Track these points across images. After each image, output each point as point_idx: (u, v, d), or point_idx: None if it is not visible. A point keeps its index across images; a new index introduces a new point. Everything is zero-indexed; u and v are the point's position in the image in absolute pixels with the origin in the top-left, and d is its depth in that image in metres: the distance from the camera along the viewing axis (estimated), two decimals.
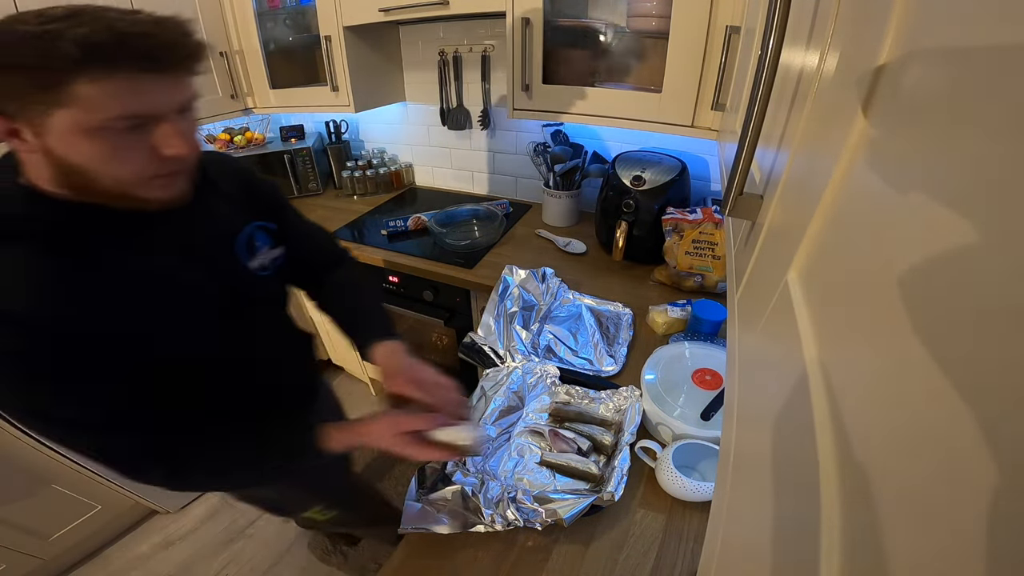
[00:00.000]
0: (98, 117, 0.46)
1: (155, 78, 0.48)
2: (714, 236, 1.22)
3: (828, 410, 0.19)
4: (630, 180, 1.31)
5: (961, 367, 0.11)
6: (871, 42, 0.20)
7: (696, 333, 1.06)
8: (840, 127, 0.22)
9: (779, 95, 0.40)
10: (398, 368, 0.74)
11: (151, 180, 0.53)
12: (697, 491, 0.73)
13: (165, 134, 0.51)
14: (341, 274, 0.89)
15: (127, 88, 0.47)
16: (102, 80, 0.45)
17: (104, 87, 0.45)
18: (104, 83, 0.45)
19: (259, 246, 0.74)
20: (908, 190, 0.15)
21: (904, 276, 0.15)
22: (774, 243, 0.33)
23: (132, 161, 0.51)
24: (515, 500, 0.71)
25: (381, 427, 0.66)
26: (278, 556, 1.61)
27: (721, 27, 0.99)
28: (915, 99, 0.16)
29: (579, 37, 1.33)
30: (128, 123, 0.48)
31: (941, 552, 0.11)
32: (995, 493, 0.09)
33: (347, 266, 0.92)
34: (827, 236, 0.23)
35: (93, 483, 1.45)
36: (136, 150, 0.50)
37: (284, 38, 1.78)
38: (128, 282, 0.57)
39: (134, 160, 0.51)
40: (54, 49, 0.43)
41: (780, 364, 0.26)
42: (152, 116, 0.50)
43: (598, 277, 1.34)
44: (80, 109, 0.45)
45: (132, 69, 0.46)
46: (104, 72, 0.45)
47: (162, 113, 0.50)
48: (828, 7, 0.28)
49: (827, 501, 0.17)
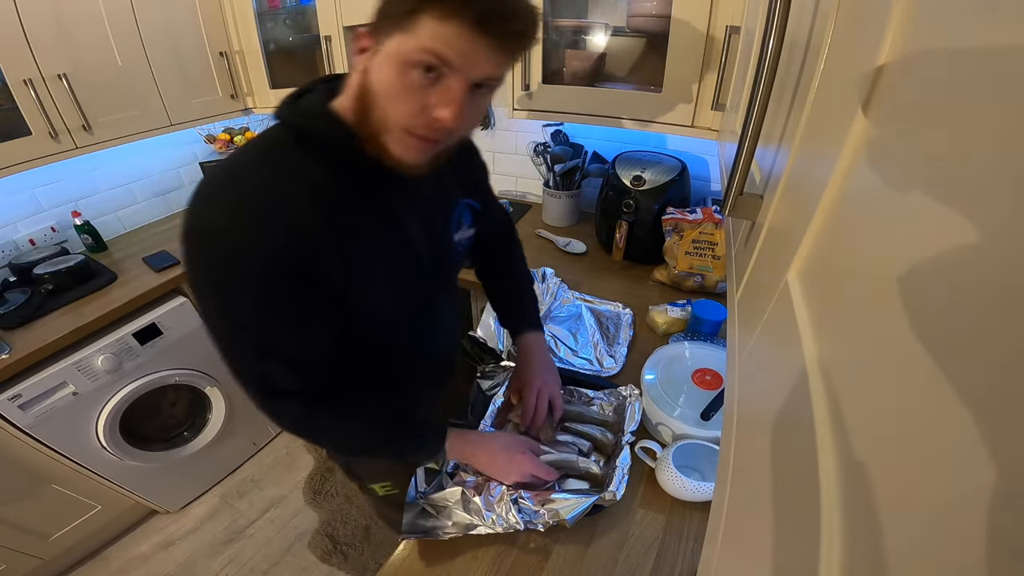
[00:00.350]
0: (415, 47, 0.49)
1: (479, 39, 0.49)
2: (714, 236, 1.22)
3: (828, 410, 0.19)
4: (630, 180, 1.31)
5: (961, 367, 0.11)
6: (871, 42, 0.20)
7: (696, 333, 1.06)
8: (840, 127, 0.22)
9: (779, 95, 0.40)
10: (525, 364, 0.87)
11: (407, 134, 0.54)
12: (697, 491, 0.73)
13: (444, 93, 0.51)
14: (509, 256, 0.97)
15: (453, 35, 0.48)
16: (443, 20, 0.47)
17: (440, 27, 0.47)
18: (443, 23, 0.47)
19: (465, 223, 0.78)
20: (908, 190, 0.15)
21: (904, 276, 0.15)
22: (774, 243, 0.33)
23: (406, 102, 0.52)
24: (516, 502, 0.71)
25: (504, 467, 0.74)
26: (278, 556, 1.61)
27: (721, 27, 0.98)
28: (915, 99, 0.16)
29: (579, 37, 1.33)
30: (429, 60, 0.49)
31: (941, 552, 0.11)
32: (995, 493, 0.09)
33: (514, 247, 0.99)
34: (827, 236, 0.23)
35: (93, 483, 1.45)
36: (415, 95, 0.51)
37: (284, 38, 1.78)
38: (369, 231, 0.61)
39: (408, 102, 0.52)
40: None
41: (780, 364, 0.26)
42: (450, 69, 0.50)
43: (598, 277, 1.34)
44: (411, 37, 0.48)
45: (469, 22, 0.48)
46: (449, 15, 0.47)
47: (460, 72, 0.50)
48: (828, 7, 0.28)
49: (827, 501, 0.17)
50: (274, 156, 0.56)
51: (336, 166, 0.57)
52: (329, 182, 0.57)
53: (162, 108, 1.57)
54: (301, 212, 0.54)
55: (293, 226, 0.54)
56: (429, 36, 0.48)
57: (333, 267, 0.58)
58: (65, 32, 1.30)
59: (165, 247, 1.65)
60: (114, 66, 1.43)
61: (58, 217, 1.63)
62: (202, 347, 1.60)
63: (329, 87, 0.60)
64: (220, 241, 0.52)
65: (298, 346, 0.60)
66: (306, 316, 0.59)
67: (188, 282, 0.57)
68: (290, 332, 0.59)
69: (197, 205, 0.54)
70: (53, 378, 1.25)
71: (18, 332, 1.26)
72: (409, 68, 0.50)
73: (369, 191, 0.61)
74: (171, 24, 1.53)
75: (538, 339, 0.92)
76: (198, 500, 1.79)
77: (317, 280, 0.57)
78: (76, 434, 1.34)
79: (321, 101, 0.58)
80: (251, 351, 0.59)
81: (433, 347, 0.84)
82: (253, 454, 1.95)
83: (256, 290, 0.54)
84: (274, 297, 0.55)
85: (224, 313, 0.57)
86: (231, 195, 0.53)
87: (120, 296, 1.41)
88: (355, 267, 0.60)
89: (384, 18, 0.51)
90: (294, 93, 0.60)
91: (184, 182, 1.97)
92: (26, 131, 1.28)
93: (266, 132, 0.59)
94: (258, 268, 0.53)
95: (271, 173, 0.55)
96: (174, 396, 1.63)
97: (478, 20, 0.48)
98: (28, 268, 1.43)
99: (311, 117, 0.57)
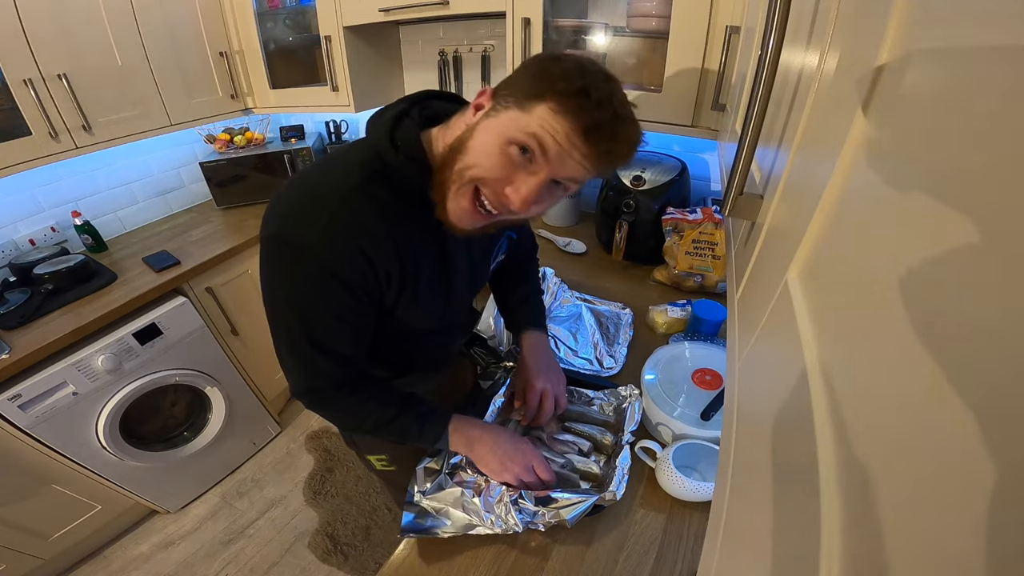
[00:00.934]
0: (523, 128, 0.52)
1: (580, 145, 0.52)
2: (714, 236, 1.22)
3: (828, 410, 0.19)
4: (630, 180, 1.31)
5: (961, 367, 0.11)
6: (871, 42, 0.20)
7: (696, 333, 1.06)
8: (840, 127, 0.22)
9: (779, 95, 0.40)
10: (527, 363, 0.88)
11: (469, 192, 0.57)
12: (697, 491, 0.73)
13: (524, 181, 0.55)
14: (523, 270, 1.00)
15: (561, 131, 0.51)
16: (558, 114, 0.51)
17: (553, 119, 0.51)
18: (557, 117, 0.51)
19: (500, 252, 0.85)
20: (908, 190, 0.16)
21: (904, 276, 0.15)
22: (774, 243, 0.33)
23: (492, 169, 0.55)
24: (516, 502, 0.71)
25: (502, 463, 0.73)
26: (278, 556, 1.61)
27: (721, 27, 0.99)
28: (915, 99, 0.16)
29: (579, 37, 1.33)
30: (530, 143, 0.52)
31: (941, 551, 0.11)
32: (995, 492, 0.09)
33: (532, 263, 1.02)
34: (827, 236, 0.23)
35: (93, 483, 1.45)
36: (501, 168, 0.54)
37: (284, 38, 1.78)
38: (426, 262, 0.67)
39: (493, 170, 0.55)
40: (572, 79, 0.50)
41: (780, 364, 0.26)
42: (542, 161, 0.53)
43: (598, 277, 1.34)
44: (525, 117, 0.52)
45: (580, 125, 0.51)
46: (565, 111, 0.50)
47: (548, 168, 0.54)
48: (828, 7, 0.28)
49: (827, 501, 0.17)
50: (364, 186, 0.60)
51: (412, 202, 0.62)
52: (403, 214, 0.62)
53: (162, 108, 1.57)
54: (376, 241, 0.60)
55: (369, 254, 0.59)
56: (539, 123, 0.51)
57: (391, 289, 0.65)
58: (65, 32, 1.30)
59: (165, 247, 1.65)
60: (114, 66, 1.43)
61: (58, 217, 1.63)
62: (202, 347, 1.60)
63: (424, 112, 0.64)
64: (304, 255, 0.57)
65: (349, 345, 0.67)
66: (362, 324, 0.66)
67: (262, 278, 0.62)
68: (346, 334, 0.65)
69: (288, 213, 0.58)
70: (53, 378, 1.25)
71: (18, 332, 1.26)
72: (509, 143, 0.53)
73: (433, 230, 0.65)
74: (171, 24, 1.53)
75: (540, 337, 0.93)
76: (198, 500, 1.79)
77: (377, 297, 0.64)
78: (76, 434, 1.34)
79: (415, 135, 0.61)
80: (307, 345, 0.64)
81: (439, 344, 0.88)
82: (253, 454, 1.95)
83: (327, 301, 0.61)
84: (339, 307, 0.62)
85: (293, 313, 0.62)
86: (322, 218, 0.57)
87: (120, 296, 1.41)
88: (407, 289, 0.66)
89: (510, 89, 0.54)
90: (392, 115, 0.62)
91: (184, 182, 1.97)
92: (26, 131, 1.28)
93: (359, 150, 0.63)
94: (333, 284, 0.59)
95: (358, 200, 0.59)
96: (174, 396, 1.63)
97: (588, 128, 0.51)
98: (28, 268, 1.43)
99: (404, 154, 0.60)
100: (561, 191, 0.58)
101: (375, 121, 0.62)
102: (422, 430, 0.74)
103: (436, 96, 0.67)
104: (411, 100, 0.65)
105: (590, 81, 0.51)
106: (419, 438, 0.75)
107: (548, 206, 0.60)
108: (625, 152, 0.55)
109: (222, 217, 1.89)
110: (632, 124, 0.54)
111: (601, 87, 0.51)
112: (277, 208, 0.59)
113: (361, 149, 0.62)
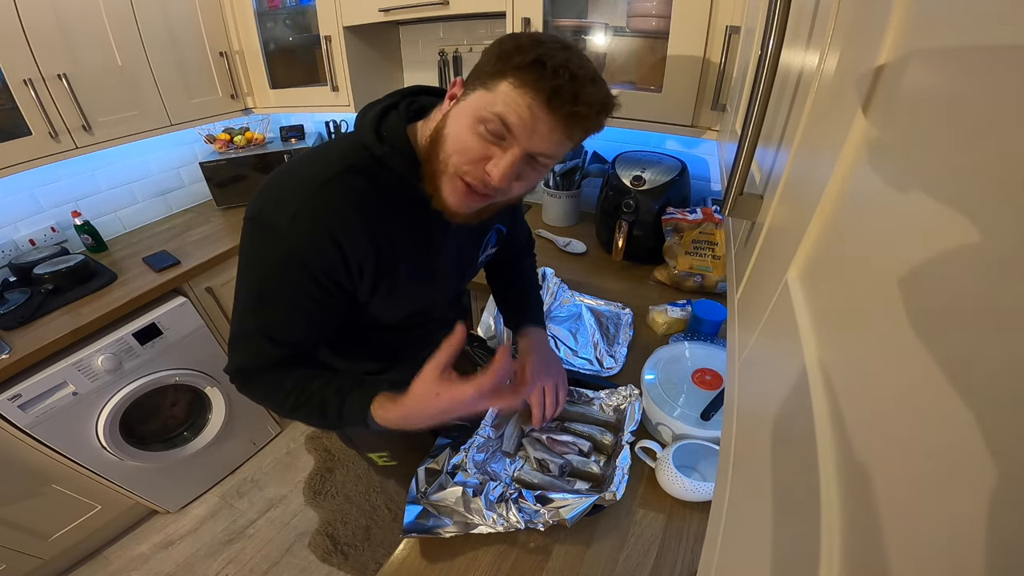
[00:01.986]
0: (488, 106, 0.53)
1: (544, 116, 0.52)
2: (714, 236, 1.22)
3: (828, 410, 0.19)
4: (630, 180, 1.31)
5: (961, 367, 0.11)
6: (871, 42, 0.20)
7: (696, 333, 1.06)
8: (840, 127, 0.22)
9: (779, 95, 0.40)
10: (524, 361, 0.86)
11: (458, 180, 0.58)
12: (697, 491, 0.73)
13: (502, 158, 0.55)
14: (520, 266, 1.00)
15: (524, 104, 0.52)
16: (518, 88, 0.51)
17: (514, 93, 0.52)
18: (518, 91, 0.51)
19: (490, 245, 0.83)
20: (908, 190, 0.15)
21: (904, 276, 0.15)
22: (774, 243, 0.33)
23: (467, 152, 0.56)
24: (517, 501, 0.71)
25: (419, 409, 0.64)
26: (278, 556, 1.61)
27: (721, 27, 0.99)
28: (915, 99, 0.16)
29: (579, 37, 1.33)
30: (496, 126, 0.53)
31: (941, 552, 0.11)
32: (995, 493, 0.09)
33: (527, 259, 1.02)
34: (827, 236, 0.23)
35: (93, 483, 1.45)
36: (477, 146, 0.55)
37: (284, 38, 1.78)
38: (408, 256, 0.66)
39: (469, 152, 0.56)
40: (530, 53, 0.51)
41: (780, 364, 0.26)
42: (514, 136, 0.54)
43: (598, 277, 1.34)
44: (490, 95, 0.53)
45: (542, 96, 0.51)
46: (525, 84, 0.51)
47: (521, 142, 0.54)
48: (828, 7, 0.28)
49: (827, 501, 0.17)
50: (343, 177, 0.60)
51: (396, 195, 0.62)
52: (384, 206, 0.62)
53: (162, 108, 1.57)
54: (350, 231, 0.59)
55: (341, 243, 0.59)
56: (503, 100, 0.52)
57: (365, 282, 0.64)
58: (65, 32, 1.30)
59: (165, 247, 1.65)
60: (114, 66, 1.43)
61: (58, 217, 1.63)
62: (202, 347, 1.60)
63: (412, 106, 0.64)
64: (275, 237, 0.58)
65: (296, 332, 0.65)
66: (320, 313, 0.64)
67: (240, 251, 0.62)
68: (298, 320, 0.64)
69: (267, 197, 0.59)
70: (53, 378, 1.25)
71: (18, 332, 1.26)
72: (478, 123, 0.54)
73: (419, 222, 0.66)
74: (171, 24, 1.53)
75: (538, 333, 0.93)
76: (198, 500, 1.79)
77: (349, 289, 0.64)
78: (76, 434, 1.34)
79: (401, 128, 0.62)
80: (254, 325, 0.63)
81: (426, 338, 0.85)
82: (253, 454, 1.95)
83: (287, 284, 0.60)
84: (298, 292, 0.61)
85: (253, 291, 0.62)
86: (294, 205, 0.58)
87: (120, 296, 1.41)
88: (383, 282, 0.65)
89: (476, 74, 0.56)
90: (380, 108, 0.63)
91: (184, 182, 1.97)
92: (26, 131, 1.28)
93: (345, 142, 0.63)
94: (298, 268, 0.59)
95: (335, 189, 0.59)
96: (174, 396, 1.63)
97: (548, 96, 0.51)
98: (28, 268, 1.43)
99: (389, 146, 0.61)
100: (542, 168, 0.59)
101: (363, 115, 0.63)
102: (343, 405, 0.65)
103: (425, 91, 0.67)
104: (400, 95, 0.65)
105: (544, 51, 0.51)
106: (340, 416, 0.66)
107: (533, 184, 0.61)
108: (591, 114, 0.54)
109: (222, 217, 1.89)
110: (593, 84, 0.53)
111: (556, 55, 0.51)
112: (260, 193, 0.60)
113: (347, 141, 0.63)
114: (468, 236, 0.76)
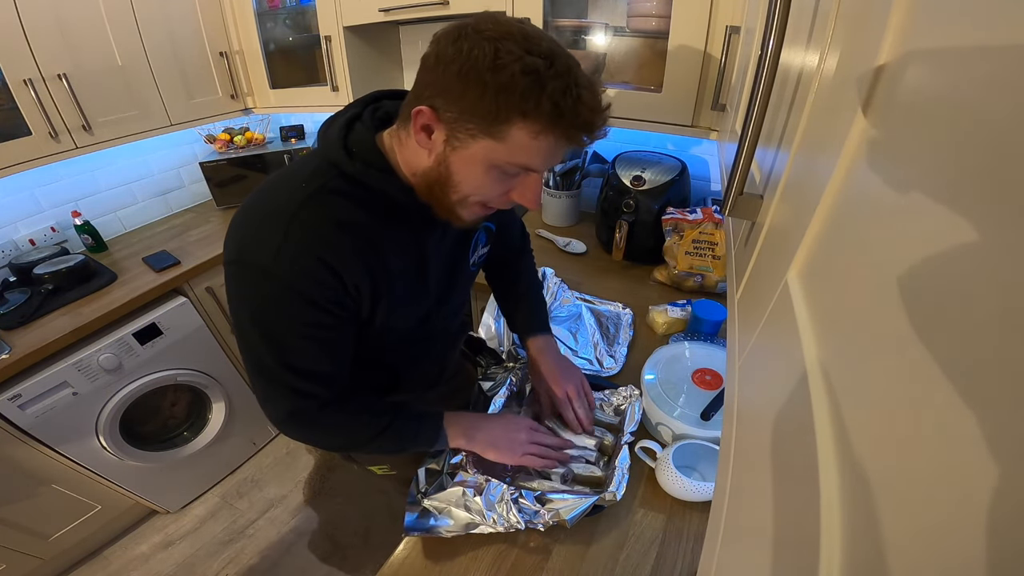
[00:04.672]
0: (507, 158, 0.50)
1: (565, 145, 0.51)
2: (714, 236, 1.22)
3: (828, 410, 0.19)
4: (630, 180, 1.31)
5: (961, 367, 0.11)
6: (871, 42, 0.20)
7: (696, 333, 1.06)
8: (840, 127, 0.22)
9: (779, 95, 0.40)
10: (538, 369, 0.88)
11: (478, 206, 0.58)
12: (697, 491, 0.73)
13: (529, 186, 0.56)
14: (518, 265, 0.98)
15: (547, 148, 0.50)
16: (538, 135, 0.48)
17: (534, 141, 0.49)
18: (538, 138, 0.48)
19: (480, 245, 0.80)
20: (908, 190, 0.15)
21: (904, 276, 0.15)
22: (774, 243, 0.33)
23: (490, 191, 0.55)
24: (517, 501, 0.71)
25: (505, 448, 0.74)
26: (278, 556, 1.61)
27: (721, 27, 0.98)
28: (915, 99, 0.16)
29: (579, 37, 1.33)
30: (517, 169, 0.52)
31: (941, 552, 0.11)
32: (995, 493, 0.09)
33: (525, 257, 1.00)
34: (827, 236, 0.23)
35: (93, 483, 1.45)
36: (500, 185, 0.55)
37: (284, 38, 1.78)
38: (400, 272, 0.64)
39: (492, 191, 0.55)
40: (533, 94, 0.45)
41: (780, 364, 0.26)
42: (535, 168, 0.53)
43: (598, 277, 1.34)
44: (502, 146, 0.49)
45: (563, 136, 0.49)
46: (545, 130, 0.48)
47: (542, 169, 0.54)
48: (828, 7, 0.28)
49: (827, 501, 0.17)
50: (318, 198, 0.56)
51: (376, 211, 0.59)
52: (369, 225, 0.59)
53: (162, 108, 1.57)
54: (340, 252, 0.57)
55: (332, 264, 0.56)
56: (521, 150, 0.49)
57: (363, 303, 0.62)
58: (65, 32, 1.30)
59: (165, 247, 1.65)
60: (114, 66, 1.43)
61: (58, 217, 1.63)
62: (202, 347, 1.60)
63: (377, 113, 0.61)
64: (263, 277, 0.55)
65: (325, 363, 0.63)
66: (336, 339, 0.63)
67: (229, 299, 0.59)
68: (321, 352, 0.62)
69: (243, 237, 0.56)
70: (53, 378, 1.25)
71: (18, 332, 1.26)
72: (494, 169, 0.52)
73: (406, 237, 0.64)
74: (171, 24, 1.53)
75: (547, 341, 0.92)
76: (198, 500, 1.79)
77: (352, 309, 0.62)
78: (76, 434, 1.34)
79: (370, 140, 0.58)
80: (279, 368, 0.60)
81: (428, 353, 0.85)
82: (253, 454, 1.95)
83: (293, 320, 0.58)
84: (307, 325, 0.59)
85: (261, 336, 0.59)
86: (276, 238, 0.54)
87: (120, 296, 1.41)
88: (382, 301, 0.64)
89: (458, 110, 0.49)
90: (344, 120, 0.59)
91: (184, 182, 1.97)
92: (26, 131, 1.28)
93: (309, 162, 0.59)
94: (297, 301, 0.57)
95: (310, 214, 0.56)
96: (174, 396, 1.63)
97: (569, 134, 0.50)
98: (28, 268, 1.43)
99: (361, 162, 0.57)
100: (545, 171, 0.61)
101: (326, 130, 0.59)
102: (419, 431, 0.73)
103: (387, 96, 0.65)
104: (362, 103, 0.62)
105: (553, 90, 0.46)
106: (415, 440, 0.73)
107: None
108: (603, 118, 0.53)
109: (222, 217, 1.89)
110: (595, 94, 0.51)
111: (568, 92, 0.47)
112: (233, 234, 0.57)
113: (312, 160, 0.59)
114: (455, 240, 0.74)
